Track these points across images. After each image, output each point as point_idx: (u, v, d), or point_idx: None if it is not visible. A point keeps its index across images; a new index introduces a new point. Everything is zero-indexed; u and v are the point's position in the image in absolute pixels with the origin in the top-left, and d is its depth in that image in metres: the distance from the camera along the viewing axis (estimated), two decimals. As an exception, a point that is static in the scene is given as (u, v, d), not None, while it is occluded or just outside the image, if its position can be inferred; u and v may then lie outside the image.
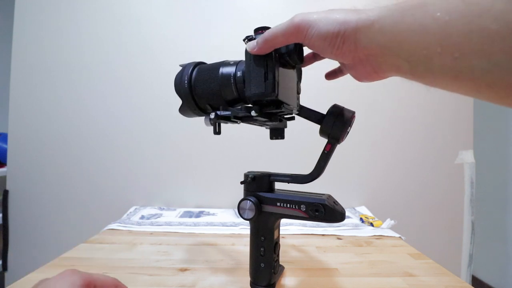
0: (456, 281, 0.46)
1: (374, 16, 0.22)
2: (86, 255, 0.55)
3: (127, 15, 0.94)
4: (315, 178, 0.35)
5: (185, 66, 0.39)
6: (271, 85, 0.30)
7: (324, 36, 0.25)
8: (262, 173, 0.39)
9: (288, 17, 0.27)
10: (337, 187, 0.93)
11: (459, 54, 0.17)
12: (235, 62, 0.35)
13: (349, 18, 0.24)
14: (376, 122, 0.95)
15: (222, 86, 0.35)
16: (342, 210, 0.34)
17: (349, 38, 0.24)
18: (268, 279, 0.39)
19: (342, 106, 0.34)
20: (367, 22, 0.22)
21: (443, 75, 0.19)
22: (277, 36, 0.28)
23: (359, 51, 0.24)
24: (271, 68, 0.30)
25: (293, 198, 0.36)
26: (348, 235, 0.68)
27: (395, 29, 0.21)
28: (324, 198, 0.35)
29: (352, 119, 0.34)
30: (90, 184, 0.94)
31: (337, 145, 0.34)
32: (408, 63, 0.21)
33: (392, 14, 0.21)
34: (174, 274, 0.48)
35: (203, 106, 0.38)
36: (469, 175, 0.96)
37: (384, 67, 0.24)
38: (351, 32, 0.23)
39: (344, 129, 0.33)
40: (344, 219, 0.34)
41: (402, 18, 0.20)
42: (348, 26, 0.23)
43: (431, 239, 0.94)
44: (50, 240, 0.93)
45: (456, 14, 0.17)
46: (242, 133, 0.91)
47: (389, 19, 0.21)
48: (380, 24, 0.22)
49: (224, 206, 0.92)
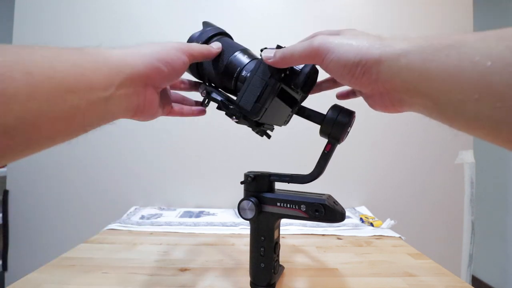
0: (456, 281, 0.46)
1: (401, 50, 0.20)
2: (86, 255, 0.55)
3: (127, 15, 0.94)
4: (315, 178, 0.35)
5: (209, 27, 0.38)
6: (258, 109, 0.30)
7: (344, 64, 0.23)
8: (262, 173, 0.39)
9: (287, 17, 0.27)
10: (337, 187, 0.93)
11: (501, 104, 0.16)
12: (252, 57, 0.35)
13: (372, 47, 0.22)
14: (376, 122, 0.95)
15: (225, 70, 0.34)
16: (342, 210, 0.34)
17: (371, 69, 0.22)
18: (268, 279, 0.39)
19: (342, 106, 0.34)
20: (393, 55, 0.21)
21: (478, 122, 0.18)
22: (294, 55, 0.27)
23: (380, 84, 0.23)
24: (266, 95, 0.30)
25: (293, 198, 0.36)
26: (348, 235, 0.68)
27: (424, 67, 0.19)
28: (324, 198, 0.35)
29: (352, 119, 0.33)
30: (90, 184, 0.94)
31: (337, 145, 0.34)
32: (436, 105, 0.20)
33: (422, 50, 0.19)
34: (174, 274, 0.48)
35: (204, 74, 0.38)
36: (469, 175, 0.96)
37: (405, 103, 0.23)
38: (373, 64, 0.22)
39: (344, 129, 0.32)
40: (344, 219, 0.34)
41: (434, 57, 0.19)
42: (370, 57, 0.22)
43: (431, 239, 0.94)
44: (50, 240, 0.93)
45: (499, 62, 0.15)
46: (243, 133, 0.91)
47: (418, 55, 0.19)
48: (407, 59, 0.20)
49: (224, 206, 0.92)
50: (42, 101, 0.18)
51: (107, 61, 0.24)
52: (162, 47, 0.29)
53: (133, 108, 0.28)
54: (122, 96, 0.25)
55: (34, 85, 0.18)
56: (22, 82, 0.17)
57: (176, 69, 0.30)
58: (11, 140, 0.17)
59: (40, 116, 0.18)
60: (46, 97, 0.18)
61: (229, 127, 0.50)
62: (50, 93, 0.19)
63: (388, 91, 0.23)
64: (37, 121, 0.18)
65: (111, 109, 0.25)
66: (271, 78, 0.30)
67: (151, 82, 0.28)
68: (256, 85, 0.30)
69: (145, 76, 0.27)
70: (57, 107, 0.19)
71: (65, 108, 0.20)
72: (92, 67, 0.22)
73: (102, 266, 0.50)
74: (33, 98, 0.18)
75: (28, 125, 0.18)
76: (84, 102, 0.21)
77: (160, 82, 0.29)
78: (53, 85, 0.19)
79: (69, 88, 0.20)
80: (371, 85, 0.23)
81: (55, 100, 0.19)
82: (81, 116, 0.22)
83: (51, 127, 0.20)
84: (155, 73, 0.28)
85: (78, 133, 0.23)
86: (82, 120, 0.22)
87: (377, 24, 0.96)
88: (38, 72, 0.18)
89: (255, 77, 0.30)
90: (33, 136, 0.19)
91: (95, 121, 0.24)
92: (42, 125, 0.19)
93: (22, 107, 0.17)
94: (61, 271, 0.48)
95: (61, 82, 0.19)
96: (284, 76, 0.30)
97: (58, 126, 0.20)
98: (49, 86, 0.19)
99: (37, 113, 0.18)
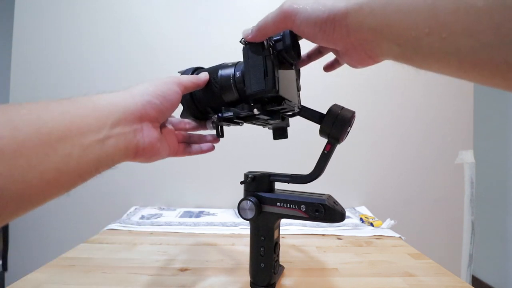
0: (456, 281, 0.46)
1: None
2: (86, 255, 0.55)
3: (127, 15, 0.94)
4: (314, 178, 0.35)
5: (184, 72, 0.39)
6: (271, 81, 0.30)
7: (313, 22, 0.24)
8: (262, 173, 0.39)
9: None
10: (337, 187, 0.93)
11: (446, 34, 0.17)
12: (233, 63, 0.35)
13: (338, 2, 0.23)
14: (376, 122, 0.95)
15: (222, 88, 0.35)
16: (342, 210, 0.34)
17: (340, 23, 0.23)
18: (268, 279, 0.39)
19: (342, 106, 0.34)
20: (357, 5, 0.22)
21: (431, 56, 0.19)
22: (268, 23, 0.27)
23: (351, 36, 0.23)
24: (269, 64, 0.30)
25: (293, 198, 0.35)
26: (348, 235, 0.68)
27: (384, 11, 0.20)
28: (324, 198, 0.34)
29: (352, 119, 0.33)
30: (90, 184, 0.92)
31: (337, 145, 0.34)
32: (398, 46, 0.20)
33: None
34: (174, 274, 0.48)
35: (204, 109, 0.38)
36: (469, 175, 0.96)
37: (377, 51, 0.23)
38: (341, 17, 0.23)
39: (343, 129, 0.32)
40: (344, 219, 0.34)
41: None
42: (338, 11, 0.23)
43: (431, 239, 0.94)
44: (50, 240, 0.93)
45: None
46: (243, 133, 0.91)
47: (378, 1, 0.20)
48: (370, 6, 0.21)
49: (224, 206, 0.92)
50: (30, 155, 0.18)
51: (97, 105, 0.24)
52: (151, 83, 0.30)
53: (132, 148, 0.27)
54: (119, 135, 0.25)
55: (21, 140, 0.17)
56: (7, 139, 0.17)
57: (169, 100, 0.30)
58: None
59: (29, 171, 0.18)
60: (35, 151, 0.18)
61: (229, 127, 0.50)
62: (39, 145, 0.18)
63: (360, 42, 0.24)
64: (26, 177, 0.18)
65: (108, 152, 0.24)
66: (263, 51, 0.30)
67: (147, 117, 0.28)
68: (255, 65, 0.30)
69: (139, 112, 0.27)
70: (47, 158, 0.19)
71: (56, 158, 0.19)
72: (82, 112, 0.22)
73: (102, 266, 0.50)
74: (20, 154, 0.17)
75: (16, 183, 0.17)
76: (77, 149, 0.21)
77: (155, 115, 0.29)
78: (41, 137, 0.19)
79: (59, 137, 0.20)
80: (343, 39, 0.24)
81: (45, 151, 0.19)
82: (75, 164, 0.21)
83: (42, 181, 0.19)
84: (148, 107, 0.28)
85: (75, 183, 0.23)
86: (76, 168, 0.22)
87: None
88: (24, 125, 0.18)
89: (249, 61, 0.31)
90: (24, 194, 0.18)
91: (92, 167, 0.23)
92: (32, 180, 0.18)
93: (8, 166, 0.17)
94: (61, 271, 0.48)
95: (50, 132, 0.19)
96: (272, 46, 0.31)
97: (50, 179, 0.20)
98: (38, 138, 0.18)
99: (26, 169, 0.18)
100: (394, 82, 0.96)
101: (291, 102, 0.34)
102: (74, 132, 0.21)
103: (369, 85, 0.95)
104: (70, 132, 0.21)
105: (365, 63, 0.27)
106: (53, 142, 0.19)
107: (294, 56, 0.32)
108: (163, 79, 0.31)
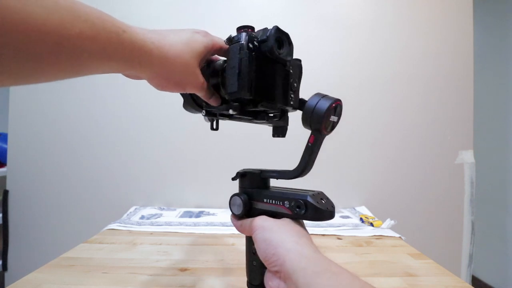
0: (456, 281, 0.46)
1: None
2: (86, 255, 0.55)
3: (127, 15, 0.94)
4: (301, 172, 0.33)
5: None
6: (244, 84, 0.29)
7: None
8: (253, 170, 0.38)
9: (288, 17, 0.27)
10: (337, 187, 0.93)
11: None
12: (224, 61, 0.35)
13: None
14: (376, 122, 0.95)
15: (213, 85, 0.35)
16: (328, 208, 0.31)
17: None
18: (260, 278, 0.38)
19: (324, 94, 0.31)
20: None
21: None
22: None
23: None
24: (244, 67, 0.29)
25: (277, 194, 0.34)
26: (348, 235, 0.68)
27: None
28: (308, 194, 0.31)
29: (333, 107, 0.30)
30: (90, 184, 0.94)
31: (321, 137, 0.31)
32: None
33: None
34: (174, 274, 0.48)
35: (201, 102, 0.38)
36: (469, 175, 0.96)
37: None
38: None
39: (324, 118, 0.29)
40: (331, 218, 0.32)
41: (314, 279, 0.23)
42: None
43: (431, 239, 0.94)
44: (50, 240, 0.93)
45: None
46: (243, 132, 0.91)
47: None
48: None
49: (224, 206, 0.92)
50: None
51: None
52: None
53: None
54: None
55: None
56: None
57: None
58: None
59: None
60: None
61: (229, 127, 0.50)
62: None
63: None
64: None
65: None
66: (240, 53, 0.30)
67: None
68: (232, 67, 0.30)
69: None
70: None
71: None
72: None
73: (102, 266, 0.50)
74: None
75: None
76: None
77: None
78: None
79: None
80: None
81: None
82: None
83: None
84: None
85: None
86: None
87: (377, 24, 0.96)
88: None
89: (229, 62, 0.30)
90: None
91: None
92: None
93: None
94: (61, 271, 0.48)
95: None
96: (255, 47, 0.30)
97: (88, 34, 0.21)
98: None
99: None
100: (394, 82, 0.96)
101: (271, 104, 0.33)
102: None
103: (369, 85, 0.95)
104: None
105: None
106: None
107: (281, 57, 0.31)
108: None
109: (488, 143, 1.49)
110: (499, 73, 1.50)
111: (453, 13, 0.98)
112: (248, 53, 0.30)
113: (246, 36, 0.30)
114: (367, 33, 0.96)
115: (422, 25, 0.97)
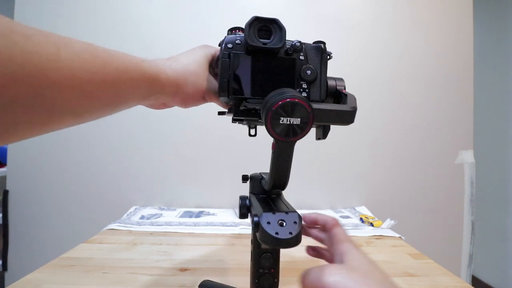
0: (456, 281, 0.46)
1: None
2: (86, 255, 0.55)
3: (127, 15, 0.94)
4: (271, 186, 0.29)
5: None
6: (222, 85, 0.29)
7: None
8: (255, 175, 0.37)
9: (288, 17, 0.27)
10: (337, 187, 0.93)
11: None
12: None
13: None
14: (376, 122, 0.95)
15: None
16: (276, 235, 0.24)
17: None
18: (253, 286, 0.36)
19: (291, 89, 0.26)
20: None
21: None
22: None
23: None
24: (224, 67, 0.29)
25: (256, 207, 0.30)
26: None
27: None
28: (265, 214, 0.26)
29: (279, 105, 0.23)
30: (90, 184, 0.94)
31: (284, 142, 0.24)
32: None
33: None
34: (174, 274, 0.48)
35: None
36: (469, 175, 0.96)
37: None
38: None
39: (268, 120, 0.23)
40: (278, 246, 0.26)
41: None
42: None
43: (431, 239, 0.94)
44: (50, 240, 0.93)
45: None
46: (243, 132, 0.91)
47: None
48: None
49: (224, 206, 0.92)
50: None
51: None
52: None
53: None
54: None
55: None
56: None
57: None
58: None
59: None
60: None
61: (229, 127, 0.50)
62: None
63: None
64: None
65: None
66: (221, 53, 0.30)
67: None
68: (222, 65, 0.30)
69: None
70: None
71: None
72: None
73: (102, 266, 0.50)
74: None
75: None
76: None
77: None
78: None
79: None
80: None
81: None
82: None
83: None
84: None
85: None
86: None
87: (376, 24, 0.96)
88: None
89: (220, 61, 0.30)
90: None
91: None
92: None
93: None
94: (61, 271, 0.48)
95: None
96: (237, 43, 0.30)
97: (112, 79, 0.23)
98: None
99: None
100: (394, 82, 0.96)
101: (258, 102, 0.30)
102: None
103: (369, 85, 0.95)
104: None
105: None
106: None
107: (268, 46, 0.30)
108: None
109: (488, 143, 1.49)
110: (499, 73, 1.50)
111: (453, 13, 0.98)
112: (227, 54, 0.30)
113: (225, 38, 0.31)
114: (367, 33, 0.96)
115: (422, 25, 0.97)
